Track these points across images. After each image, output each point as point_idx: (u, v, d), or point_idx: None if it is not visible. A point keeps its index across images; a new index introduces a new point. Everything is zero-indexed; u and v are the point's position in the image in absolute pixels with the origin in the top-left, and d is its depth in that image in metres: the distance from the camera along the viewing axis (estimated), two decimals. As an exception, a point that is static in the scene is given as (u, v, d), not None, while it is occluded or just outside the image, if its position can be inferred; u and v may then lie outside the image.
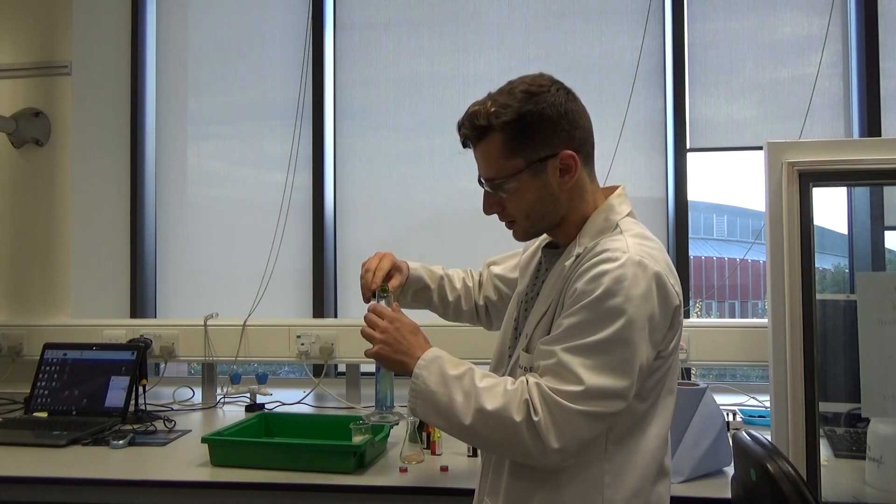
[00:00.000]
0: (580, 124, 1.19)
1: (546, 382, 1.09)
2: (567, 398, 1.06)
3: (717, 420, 1.66)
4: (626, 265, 1.08)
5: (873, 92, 2.62)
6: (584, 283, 1.10)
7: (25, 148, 2.81)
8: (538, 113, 1.15)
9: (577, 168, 1.17)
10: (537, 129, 1.15)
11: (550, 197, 1.19)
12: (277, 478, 1.67)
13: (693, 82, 2.76)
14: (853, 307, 1.63)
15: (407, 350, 1.24)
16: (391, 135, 2.93)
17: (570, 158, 1.17)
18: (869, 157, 1.53)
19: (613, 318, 1.06)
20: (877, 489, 1.59)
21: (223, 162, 3.06)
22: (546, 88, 1.17)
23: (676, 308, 1.14)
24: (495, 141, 1.17)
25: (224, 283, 2.99)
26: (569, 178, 1.18)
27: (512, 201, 1.21)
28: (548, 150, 1.16)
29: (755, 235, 2.76)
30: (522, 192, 1.19)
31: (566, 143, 1.17)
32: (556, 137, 1.16)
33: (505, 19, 2.88)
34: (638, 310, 1.07)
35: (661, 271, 1.12)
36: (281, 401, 2.45)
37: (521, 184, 1.18)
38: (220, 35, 3.07)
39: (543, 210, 1.21)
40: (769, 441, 1.24)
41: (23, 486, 1.72)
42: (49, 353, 2.38)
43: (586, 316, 1.08)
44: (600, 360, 1.06)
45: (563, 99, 1.17)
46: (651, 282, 1.09)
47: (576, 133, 1.18)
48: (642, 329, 1.08)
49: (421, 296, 1.56)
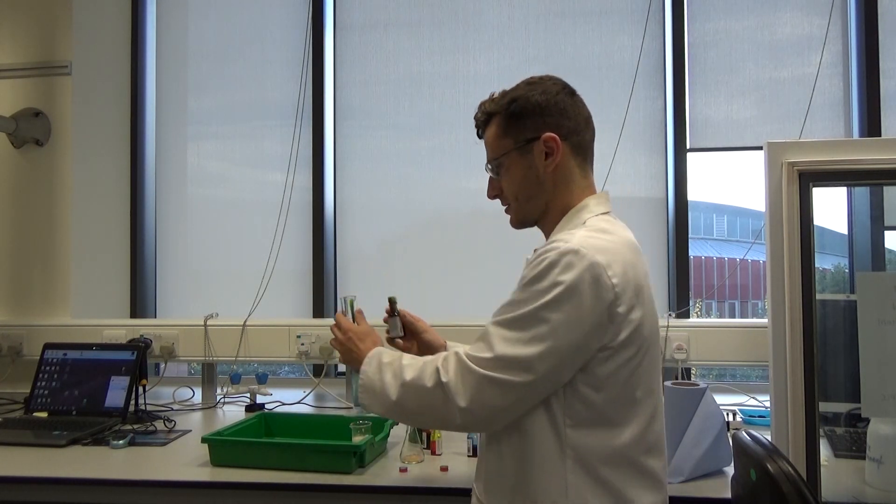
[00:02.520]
0: (570, 115, 1.27)
1: (466, 350, 1.19)
2: (476, 363, 1.15)
3: (717, 420, 1.66)
4: (562, 252, 1.14)
5: (873, 92, 2.62)
6: (527, 269, 1.18)
7: (25, 148, 2.81)
8: (528, 98, 1.27)
9: (559, 151, 1.26)
10: (527, 113, 1.27)
11: (536, 179, 1.28)
12: (277, 478, 1.67)
13: (693, 82, 2.76)
14: (853, 307, 1.63)
15: (357, 355, 1.38)
16: (391, 135, 2.93)
17: (552, 140, 1.25)
18: (869, 157, 1.53)
19: (538, 297, 1.12)
20: (877, 489, 1.59)
21: (223, 162, 3.06)
22: (543, 80, 1.29)
23: (612, 302, 1.13)
24: (495, 123, 1.31)
25: (224, 283, 2.99)
26: (551, 161, 1.26)
27: (505, 182, 1.32)
28: (534, 132, 1.26)
29: (755, 235, 2.76)
30: (512, 170, 1.30)
31: (552, 128, 1.26)
32: (542, 122, 1.26)
33: (505, 19, 2.88)
34: (563, 294, 1.11)
35: (600, 262, 1.13)
36: (281, 401, 2.45)
37: (511, 162, 1.29)
38: (220, 35, 3.07)
39: (529, 191, 1.29)
40: (769, 441, 1.24)
41: (23, 486, 1.72)
42: (49, 353, 2.38)
43: (518, 296, 1.17)
44: (516, 334, 1.13)
45: (555, 90, 1.27)
46: (584, 271, 1.12)
47: (564, 122, 1.26)
48: (566, 313, 1.11)
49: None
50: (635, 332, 1.17)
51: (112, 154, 2.98)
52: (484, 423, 1.21)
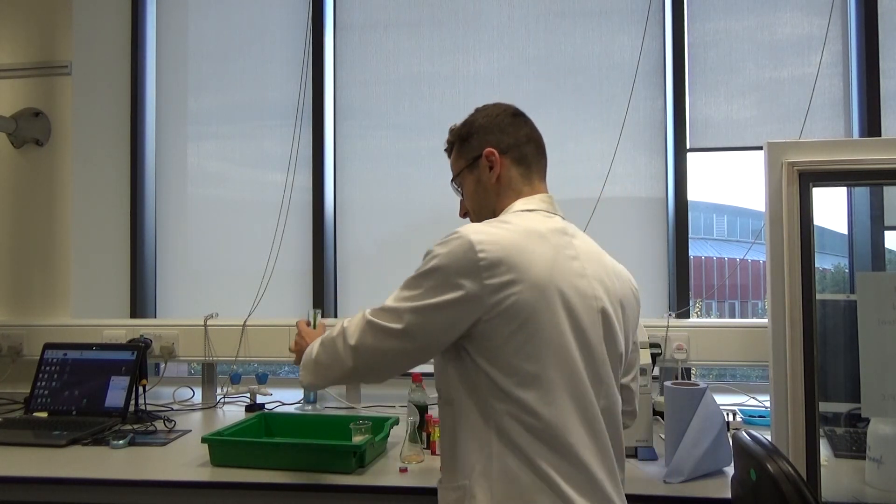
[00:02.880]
0: (509, 132, 1.43)
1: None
2: (368, 312, 1.31)
3: (717, 420, 1.66)
4: (448, 235, 1.28)
5: (873, 92, 2.62)
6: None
7: (25, 148, 2.81)
8: (473, 122, 1.47)
9: (499, 163, 1.41)
10: (472, 134, 1.45)
11: (483, 189, 1.44)
12: (277, 478, 1.67)
13: (693, 82, 2.76)
14: (853, 307, 1.63)
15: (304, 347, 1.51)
16: (391, 135, 2.93)
17: (491, 154, 1.41)
18: (869, 157, 1.53)
19: (420, 267, 1.28)
20: (877, 489, 1.59)
21: (223, 162, 3.06)
22: (489, 105, 1.49)
23: (479, 273, 1.21)
24: (454, 149, 1.51)
25: (224, 283, 2.99)
26: (493, 173, 1.41)
27: (465, 197, 1.50)
28: (479, 150, 1.43)
29: (755, 235, 2.76)
30: (466, 186, 1.48)
31: (493, 144, 1.42)
32: (485, 140, 1.43)
33: (505, 19, 2.88)
34: (435, 264, 1.25)
35: (473, 239, 1.23)
36: (281, 401, 2.45)
37: (465, 179, 1.47)
38: (220, 35, 3.07)
39: (480, 202, 1.45)
40: (769, 441, 1.24)
41: (23, 486, 1.72)
42: (49, 353, 2.38)
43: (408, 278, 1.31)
44: (398, 293, 1.29)
45: (496, 113, 1.46)
46: (457, 247, 1.24)
47: (503, 138, 1.43)
48: (435, 279, 1.24)
49: None
50: (515, 307, 1.20)
51: (112, 154, 2.98)
52: (370, 369, 1.33)
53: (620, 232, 2.75)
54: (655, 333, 2.33)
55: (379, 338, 1.28)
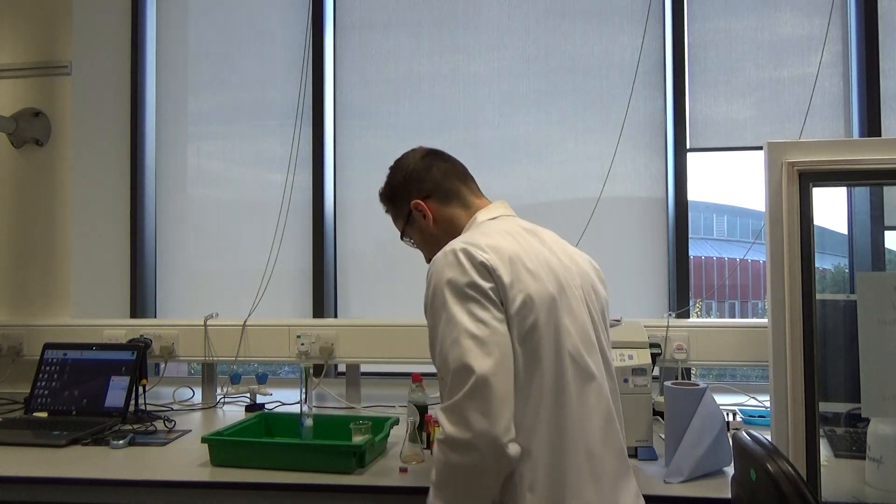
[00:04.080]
0: (427, 176, 1.51)
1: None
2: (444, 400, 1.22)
3: (717, 420, 1.66)
4: (435, 260, 1.29)
5: (873, 92, 2.62)
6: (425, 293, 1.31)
7: (25, 148, 2.81)
8: (392, 185, 1.55)
9: (428, 210, 1.48)
10: (396, 195, 1.54)
11: (430, 236, 1.50)
12: (277, 478, 1.67)
13: (693, 82, 2.76)
14: (853, 307, 1.63)
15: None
16: (391, 135, 2.93)
17: (418, 205, 1.49)
18: (869, 157, 1.53)
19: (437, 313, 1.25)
20: (877, 489, 1.59)
21: (223, 162, 3.06)
22: (397, 162, 1.56)
23: (483, 262, 1.24)
24: (389, 211, 1.59)
25: (224, 283, 2.99)
26: (429, 220, 1.49)
27: (419, 247, 1.56)
28: (407, 205, 1.51)
29: (755, 235, 2.76)
30: (415, 239, 1.55)
31: (417, 194, 1.50)
32: (407, 194, 1.51)
33: (505, 19, 2.88)
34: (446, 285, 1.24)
35: (468, 246, 1.26)
36: (281, 401, 2.45)
37: (411, 234, 1.55)
38: (220, 35, 3.07)
39: (431, 245, 1.48)
40: (769, 441, 1.24)
41: (23, 486, 1.72)
42: (49, 353, 2.38)
43: (428, 322, 1.29)
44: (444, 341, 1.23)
45: (407, 163, 1.54)
46: (453, 257, 1.26)
47: (423, 185, 1.50)
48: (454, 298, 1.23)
49: None
50: (528, 301, 1.24)
51: (112, 154, 2.98)
52: (492, 429, 1.16)
53: (620, 232, 2.75)
54: (655, 333, 2.33)
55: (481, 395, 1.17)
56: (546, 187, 2.78)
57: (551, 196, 2.77)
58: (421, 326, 1.88)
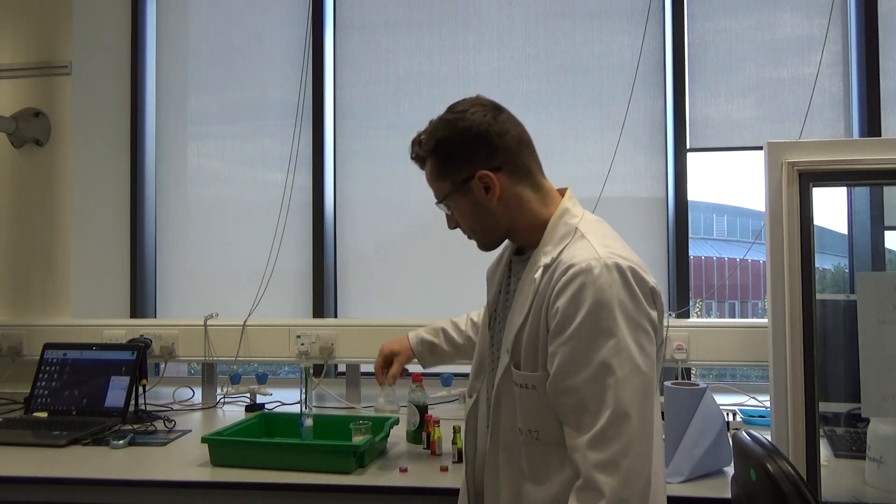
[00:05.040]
0: (502, 143, 1.23)
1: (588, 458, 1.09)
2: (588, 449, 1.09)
3: (717, 420, 1.66)
4: (599, 275, 1.11)
5: (873, 92, 2.62)
6: (567, 300, 1.12)
7: (25, 148, 2.81)
8: (453, 139, 1.25)
9: (497, 185, 1.23)
10: (455, 154, 1.25)
11: (486, 212, 1.26)
12: (277, 478, 1.67)
13: (693, 82, 2.76)
14: (853, 307, 1.63)
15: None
16: (391, 135, 2.93)
17: (486, 178, 1.23)
18: (869, 157, 1.53)
19: (600, 335, 1.09)
20: (877, 489, 1.59)
21: (223, 162, 3.06)
22: (462, 113, 1.27)
23: (653, 289, 1.16)
24: (429, 166, 1.30)
25: (224, 283, 2.99)
26: (492, 195, 1.23)
27: (458, 218, 1.31)
28: (467, 171, 1.24)
29: (755, 235, 2.76)
30: (459, 209, 1.28)
31: (485, 163, 1.23)
32: (473, 159, 1.23)
33: (505, 19, 2.88)
34: (618, 307, 1.10)
35: (634, 266, 1.14)
36: (281, 401, 2.45)
37: (456, 203, 1.28)
38: (220, 35, 3.07)
39: (483, 224, 1.28)
40: (769, 441, 1.24)
41: (23, 486, 1.72)
42: (49, 353, 2.38)
43: (578, 343, 1.10)
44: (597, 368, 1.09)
45: (480, 120, 1.24)
46: (619, 275, 1.12)
47: (495, 152, 1.23)
48: (626, 325, 1.10)
49: (435, 351, 1.81)
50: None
51: (112, 154, 2.98)
52: (645, 472, 1.09)
53: (620, 232, 2.73)
54: (655, 333, 2.33)
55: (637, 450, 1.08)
56: (546, 187, 2.78)
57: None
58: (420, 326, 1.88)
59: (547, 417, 1.16)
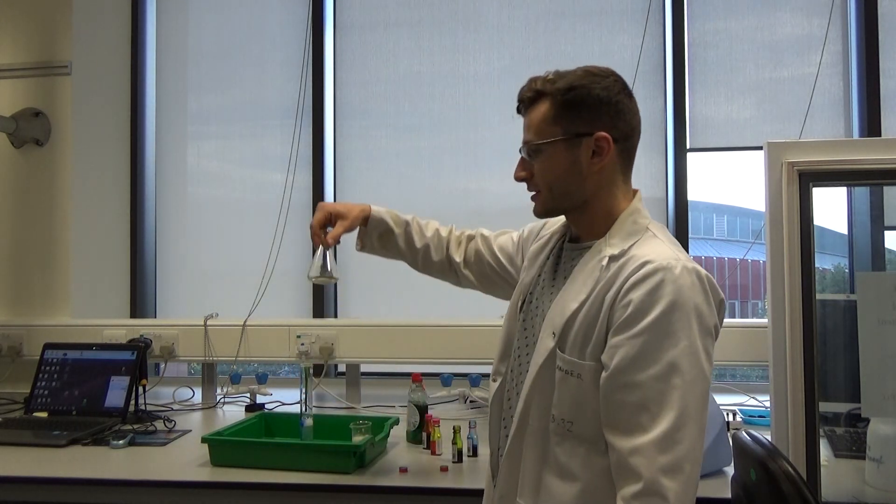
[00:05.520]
0: (625, 118, 1.22)
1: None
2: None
3: (717, 420, 1.66)
4: (679, 275, 1.09)
5: (873, 92, 2.62)
6: (643, 294, 1.09)
7: (25, 148, 2.81)
8: (587, 90, 1.20)
9: (610, 153, 1.20)
10: (583, 105, 1.20)
11: (578, 175, 1.21)
12: (277, 478, 1.67)
13: (693, 82, 2.76)
14: (853, 307, 1.63)
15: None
16: (391, 135, 2.93)
17: (604, 140, 1.19)
18: (869, 157, 1.53)
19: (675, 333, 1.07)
20: (877, 489, 1.59)
21: (223, 162, 3.06)
22: (605, 75, 1.23)
23: (721, 301, 1.15)
24: (544, 105, 1.22)
25: (224, 283, 2.99)
26: (598, 161, 1.20)
27: (541, 169, 1.23)
28: (586, 127, 1.19)
29: (755, 235, 2.76)
30: (553, 160, 1.22)
31: (606, 128, 1.20)
32: (597, 119, 1.20)
33: (505, 19, 2.88)
34: (694, 311, 1.08)
35: (709, 275, 1.13)
36: (281, 401, 2.45)
37: (555, 152, 1.21)
38: (220, 35, 3.07)
39: (567, 186, 1.23)
40: (769, 441, 1.24)
41: (23, 486, 1.72)
42: (49, 353, 2.38)
43: (649, 339, 1.08)
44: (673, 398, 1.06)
45: (616, 89, 1.22)
46: (698, 280, 1.11)
47: (618, 123, 1.21)
48: (699, 330, 1.09)
49: (387, 239, 1.63)
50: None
51: (112, 154, 2.98)
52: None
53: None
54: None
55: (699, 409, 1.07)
56: (546, 187, 2.78)
57: (551, 196, 2.77)
58: (421, 326, 1.89)
59: (584, 410, 1.14)
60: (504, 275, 1.55)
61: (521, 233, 1.55)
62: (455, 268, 1.62)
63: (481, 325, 2.37)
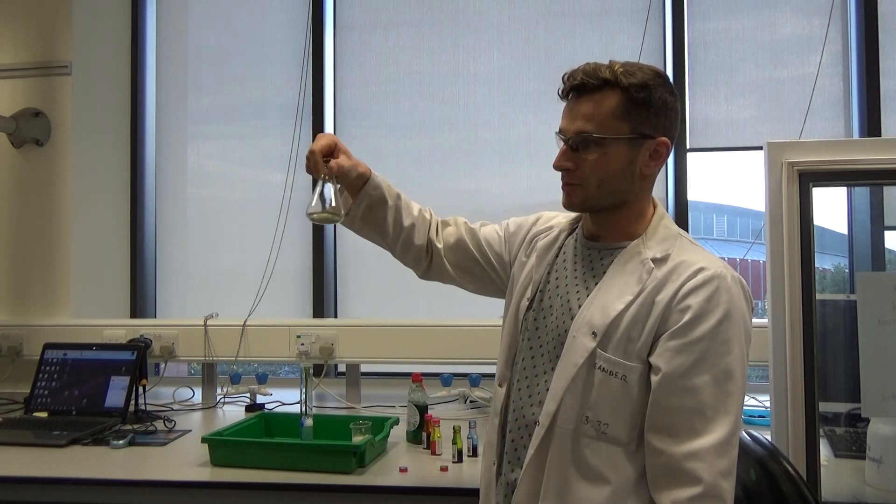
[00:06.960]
0: (677, 126, 1.24)
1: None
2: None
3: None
4: (731, 284, 1.13)
5: (873, 92, 2.61)
6: (703, 300, 1.11)
7: (25, 148, 2.81)
8: (658, 93, 1.18)
9: (664, 159, 1.22)
10: (653, 107, 1.18)
11: (630, 175, 1.20)
12: (277, 478, 1.67)
13: (693, 82, 2.76)
14: (853, 307, 1.63)
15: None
16: (391, 135, 2.93)
17: (664, 146, 1.20)
18: (869, 157, 1.53)
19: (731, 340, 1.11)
20: (877, 489, 1.59)
21: (223, 162, 3.06)
22: (664, 77, 1.23)
23: (754, 308, 1.19)
24: (612, 97, 1.18)
25: (224, 283, 2.99)
26: (654, 165, 1.21)
27: (595, 162, 1.18)
28: (652, 130, 1.18)
29: (755, 235, 2.76)
30: (611, 156, 1.18)
31: (667, 132, 1.20)
32: (661, 123, 1.19)
33: (505, 19, 2.88)
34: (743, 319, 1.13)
35: (746, 286, 1.17)
36: (281, 401, 2.45)
37: (615, 149, 1.18)
38: (220, 35, 3.07)
39: (617, 184, 1.20)
40: (769, 441, 1.24)
41: (23, 486, 1.72)
42: (49, 353, 2.38)
43: (709, 346, 1.10)
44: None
45: (675, 96, 1.23)
46: (742, 290, 1.15)
47: (673, 130, 1.22)
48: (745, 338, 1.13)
49: (376, 210, 1.48)
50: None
51: (112, 154, 2.98)
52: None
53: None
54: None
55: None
56: (546, 187, 2.77)
57: (551, 196, 2.76)
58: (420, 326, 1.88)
59: (622, 412, 1.12)
60: (487, 268, 1.47)
61: (504, 226, 1.49)
62: (435, 254, 1.52)
63: (481, 325, 2.37)
